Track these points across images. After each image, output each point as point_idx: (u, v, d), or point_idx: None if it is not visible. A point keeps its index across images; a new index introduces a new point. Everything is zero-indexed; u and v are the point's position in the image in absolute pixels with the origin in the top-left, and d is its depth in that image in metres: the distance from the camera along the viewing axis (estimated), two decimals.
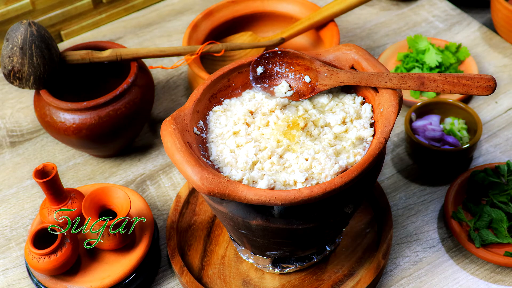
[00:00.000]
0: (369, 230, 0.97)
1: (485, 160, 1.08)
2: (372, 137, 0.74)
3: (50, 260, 0.83)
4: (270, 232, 0.75)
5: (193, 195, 1.02)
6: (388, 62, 1.24)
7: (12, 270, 0.97)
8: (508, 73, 1.22)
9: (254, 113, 0.79)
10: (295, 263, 0.88)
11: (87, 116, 0.99)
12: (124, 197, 0.87)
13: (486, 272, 0.93)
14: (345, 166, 0.71)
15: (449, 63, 1.20)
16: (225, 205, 0.74)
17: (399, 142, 1.12)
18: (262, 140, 0.75)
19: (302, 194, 0.67)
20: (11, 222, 1.04)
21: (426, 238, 0.97)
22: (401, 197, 1.03)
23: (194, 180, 0.67)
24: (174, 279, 0.94)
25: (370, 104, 0.78)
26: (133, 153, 1.13)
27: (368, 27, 1.35)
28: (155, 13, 1.43)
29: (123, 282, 0.88)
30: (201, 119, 0.79)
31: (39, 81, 0.98)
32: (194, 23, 1.16)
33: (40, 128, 1.18)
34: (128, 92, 1.01)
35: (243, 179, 0.70)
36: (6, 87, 1.27)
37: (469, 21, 1.35)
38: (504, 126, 1.13)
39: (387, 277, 0.93)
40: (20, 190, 1.08)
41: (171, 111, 1.19)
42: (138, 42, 1.35)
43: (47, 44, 0.96)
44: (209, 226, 0.98)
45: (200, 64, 1.10)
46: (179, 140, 0.70)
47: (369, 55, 0.79)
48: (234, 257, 0.94)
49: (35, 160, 1.13)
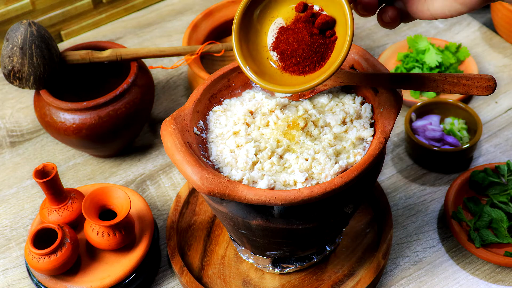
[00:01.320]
0: (369, 230, 0.97)
1: (485, 160, 1.08)
2: (372, 137, 0.74)
3: (50, 260, 0.83)
4: (270, 232, 0.75)
5: (193, 195, 1.02)
6: (388, 62, 1.24)
7: (12, 270, 0.97)
8: (508, 73, 1.22)
9: (254, 113, 0.79)
10: (295, 263, 0.88)
11: (87, 116, 0.99)
12: (124, 197, 0.87)
13: (486, 272, 0.93)
14: (345, 166, 0.71)
15: (449, 63, 1.20)
16: (225, 205, 0.74)
17: (399, 142, 1.12)
18: (262, 140, 0.75)
19: (302, 194, 0.67)
20: (11, 222, 1.04)
21: (426, 238, 0.97)
22: (401, 197, 1.03)
23: (194, 180, 0.67)
24: (174, 279, 0.94)
25: (370, 104, 0.78)
26: (133, 153, 1.13)
27: (368, 27, 1.35)
28: (155, 13, 1.43)
29: (123, 282, 0.88)
30: (201, 119, 0.79)
31: (39, 81, 0.98)
32: (194, 23, 1.16)
33: (40, 128, 1.18)
34: (128, 92, 1.01)
35: (243, 179, 0.70)
36: (6, 87, 1.27)
37: (469, 21, 1.35)
38: (504, 126, 1.13)
39: (387, 277, 0.93)
40: (20, 190, 1.09)
41: (171, 111, 1.19)
42: (138, 42, 1.35)
43: (47, 44, 0.96)
44: (209, 226, 0.98)
45: (200, 64, 1.10)
46: (179, 140, 0.70)
47: (369, 55, 0.79)
48: (234, 257, 0.94)
49: (35, 160, 1.13)
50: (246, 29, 0.70)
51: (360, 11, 0.68)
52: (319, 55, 0.67)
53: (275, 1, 0.70)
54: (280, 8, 0.70)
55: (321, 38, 0.67)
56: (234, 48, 0.70)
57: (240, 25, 0.70)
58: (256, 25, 0.71)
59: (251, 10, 0.70)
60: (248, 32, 0.71)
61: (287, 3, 0.70)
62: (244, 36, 0.70)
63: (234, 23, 0.70)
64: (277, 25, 0.70)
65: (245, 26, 0.70)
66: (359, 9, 0.68)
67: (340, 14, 0.66)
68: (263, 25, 0.71)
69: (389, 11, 0.68)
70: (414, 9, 0.67)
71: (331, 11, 0.67)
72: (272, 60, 0.71)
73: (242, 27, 0.70)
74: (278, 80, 0.69)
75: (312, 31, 0.67)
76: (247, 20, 0.70)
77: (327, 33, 0.67)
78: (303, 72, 0.68)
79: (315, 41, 0.67)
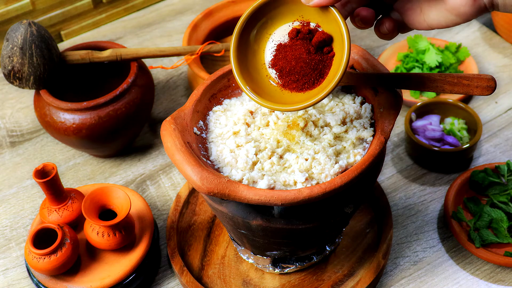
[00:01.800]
0: (369, 230, 0.97)
1: (485, 160, 1.08)
2: (372, 137, 0.74)
3: (50, 260, 0.83)
4: (270, 232, 0.75)
5: (193, 195, 1.02)
6: (388, 62, 1.24)
7: (12, 270, 0.97)
8: (508, 73, 1.22)
9: (254, 113, 0.79)
10: (295, 263, 0.88)
11: (87, 116, 0.99)
12: (124, 197, 0.87)
13: (486, 272, 0.93)
14: (345, 166, 0.71)
15: (449, 63, 1.20)
16: (225, 205, 0.74)
17: (399, 142, 1.12)
18: (262, 140, 0.75)
19: (302, 194, 0.67)
20: (11, 222, 1.04)
21: (426, 238, 0.97)
22: (401, 197, 1.03)
23: (194, 180, 0.67)
24: (174, 279, 0.94)
25: (370, 104, 0.78)
26: (133, 153, 1.13)
27: None
28: (155, 13, 1.43)
29: (123, 282, 0.88)
30: (201, 119, 0.79)
31: (39, 81, 0.98)
32: (194, 23, 1.16)
33: (40, 128, 1.18)
34: (128, 92, 1.01)
35: (243, 179, 0.70)
36: (6, 87, 1.27)
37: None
38: (504, 126, 1.13)
39: (387, 277, 0.93)
40: (20, 190, 1.09)
41: (171, 111, 1.19)
42: (138, 42, 1.35)
43: (47, 44, 0.96)
44: (209, 226, 0.98)
45: (200, 64, 1.10)
46: (179, 140, 0.70)
47: (369, 55, 0.79)
48: (234, 257, 0.94)
49: (35, 160, 1.13)
50: (244, 50, 0.71)
51: (358, 23, 0.69)
52: (317, 72, 0.68)
53: (271, 20, 0.70)
54: (277, 26, 0.71)
55: (319, 55, 0.68)
56: (234, 71, 0.70)
57: (237, 47, 0.71)
58: (254, 45, 0.72)
59: (248, 31, 0.71)
60: (246, 53, 0.71)
61: (283, 21, 0.70)
62: (243, 56, 0.71)
63: (231, 47, 0.70)
64: (274, 42, 0.71)
65: (243, 47, 0.71)
66: (357, 22, 0.68)
67: (336, 31, 0.67)
68: (260, 44, 0.72)
69: (386, 23, 0.69)
70: (411, 20, 0.67)
71: (328, 27, 0.68)
72: (271, 78, 0.71)
73: (240, 49, 0.71)
74: (278, 98, 0.70)
75: (310, 48, 0.68)
76: (245, 41, 0.71)
77: (325, 49, 0.68)
78: (302, 89, 0.69)
79: (312, 58, 0.68)
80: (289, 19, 0.70)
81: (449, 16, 0.65)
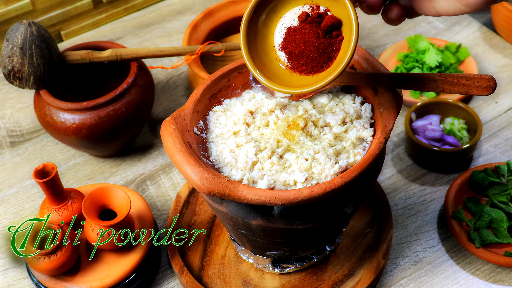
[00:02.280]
0: (369, 230, 0.97)
1: (485, 160, 1.08)
2: (372, 137, 0.74)
3: (50, 260, 0.83)
4: (270, 232, 0.75)
5: (193, 195, 1.02)
6: (388, 62, 1.24)
7: (12, 270, 0.97)
8: (508, 73, 1.22)
9: (254, 113, 0.79)
10: (295, 263, 0.88)
11: (87, 116, 0.99)
12: (124, 197, 0.87)
13: (486, 272, 0.93)
14: (345, 166, 0.71)
15: (449, 63, 1.20)
16: (225, 205, 0.74)
17: (399, 142, 1.12)
18: (262, 140, 0.75)
19: (302, 194, 0.67)
20: (11, 222, 1.04)
21: (426, 238, 0.97)
22: (401, 197, 1.03)
23: (194, 180, 0.67)
24: (174, 279, 0.94)
25: (370, 104, 0.78)
26: (133, 153, 1.13)
27: (368, 27, 1.35)
28: (155, 13, 1.43)
29: (123, 282, 0.88)
30: (201, 119, 0.79)
31: (39, 81, 0.98)
32: (194, 23, 1.16)
33: (40, 128, 1.18)
34: (128, 92, 1.01)
35: (243, 179, 0.70)
36: (6, 87, 1.27)
37: (469, 21, 1.35)
38: (504, 126, 1.13)
39: (387, 277, 0.93)
40: (20, 190, 1.09)
41: (171, 111, 1.19)
42: (138, 42, 1.35)
43: (47, 44, 0.96)
44: (209, 226, 0.98)
45: (200, 64, 1.10)
46: (179, 140, 0.70)
47: (369, 55, 0.79)
48: (234, 257, 0.94)
49: (35, 160, 1.13)
50: (253, 34, 0.72)
51: (365, 9, 0.69)
52: (326, 55, 0.69)
53: (281, 4, 0.71)
54: (287, 9, 0.71)
55: (328, 39, 0.69)
56: (244, 55, 0.71)
57: (247, 31, 0.71)
58: (263, 30, 0.73)
59: (257, 16, 0.72)
60: (255, 37, 0.72)
61: (293, 4, 0.71)
62: (252, 40, 0.72)
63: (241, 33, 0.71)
64: (284, 25, 0.72)
65: (252, 32, 0.72)
66: (364, 8, 0.69)
67: (345, 15, 0.67)
68: (270, 28, 0.72)
69: (394, 9, 0.69)
70: (420, 5, 0.68)
71: (337, 11, 0.68)
72: (281, 61, 0.72)
73: (249, 33, 0.72)
74: (287, 81, 0.71)
75: (319, 32, 0.69)
76: (254, 26, 0.72)
77: (334, 33, 0.69)
78: (310, 72, 0.70)
79: (321, 42, 0.69)
80: (299, 2, 0.71)
81: (457, 5, 0.65)
